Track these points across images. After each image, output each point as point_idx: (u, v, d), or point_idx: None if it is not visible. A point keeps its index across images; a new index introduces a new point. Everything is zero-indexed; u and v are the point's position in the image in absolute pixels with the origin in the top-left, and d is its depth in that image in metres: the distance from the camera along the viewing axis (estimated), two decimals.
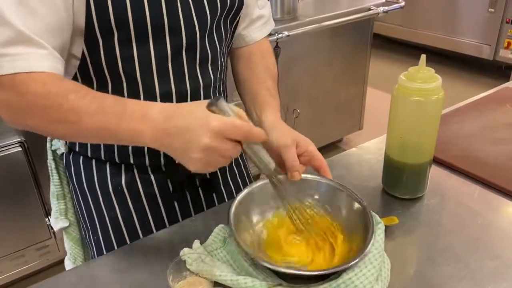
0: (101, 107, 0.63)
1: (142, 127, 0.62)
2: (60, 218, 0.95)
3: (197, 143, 0.59)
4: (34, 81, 0.64)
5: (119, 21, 0.70)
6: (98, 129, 0.63)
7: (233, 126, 0.60)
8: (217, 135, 0.59)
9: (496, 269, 0.69)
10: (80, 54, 0.73)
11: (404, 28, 3.81)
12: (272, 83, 0.92)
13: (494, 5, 3.17)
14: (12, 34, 0.62)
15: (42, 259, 1.75)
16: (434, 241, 0.75)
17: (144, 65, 0.75)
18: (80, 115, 0.63)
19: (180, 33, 0.76)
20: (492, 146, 0.99)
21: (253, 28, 0.94)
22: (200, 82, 0.82)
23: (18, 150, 1.54)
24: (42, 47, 0.65)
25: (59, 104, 0.63)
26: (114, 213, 0.86)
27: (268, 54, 0.96)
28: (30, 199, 1.63)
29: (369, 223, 0.66)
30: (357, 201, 0.71)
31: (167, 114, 0.62)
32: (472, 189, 0.88)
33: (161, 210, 0.87)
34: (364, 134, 2.70)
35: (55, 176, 0.94)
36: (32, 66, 0.64)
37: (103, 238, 0.88)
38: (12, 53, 0.63)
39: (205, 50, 0.81)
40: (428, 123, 0.78)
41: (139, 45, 0.73)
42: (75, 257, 0.99)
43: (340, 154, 1.02)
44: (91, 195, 0.87)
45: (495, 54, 3.29)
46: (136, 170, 0.85)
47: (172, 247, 0.75)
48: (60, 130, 0.67)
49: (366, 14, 2.24)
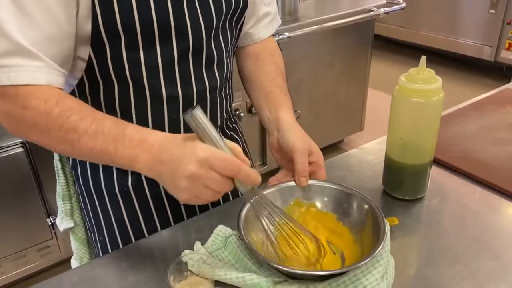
0: (101, 131, 0.64)
1: (138, 154, 0.63)
2: (66, 219, 0.95)
3: (183, 171, 0.59)
4: (37, 97, 0.65)
5: (126, 26, 0.70)
6: (96, 151, 0.65)
7: (219, 158, 0.59)
8: (202, 164, 0.58)
9: (497, 269, 0.69)
10: (87, 57, 0.73)
11: (405, 29, 3.81)
12: (282, 81, 0.92)
13: (495, 7, 3.18)
14: (10, 46, 0.63)
15: (43, 259, 1.75)
16: (435, 242, 0.75)
17: (151, 69, 0.75)
18: (79, 136, 0.64)
19: (187, 36, 0.76)
20: (493, 147, 0.99)
21: (260, 26, 0.94)
22: (207, 85, 0.82)
23: (20, 151, 1.54)
24: (39, 59, 0.65)
25: (61, 124, 0.64)
26: (120, 214, 0.86)
27: (276, 52, 0.97)
28: (31, 200, 1.63)
29: (381, 224, 0.66)
30: (366, 202, 0.71)
31: (161, 142, 0.63)
32: (473, 189, 0.88)
33: (167, 211, 0.87)
34: (365, 135, 2.70)
35: (61, 177, 0.94)
36: (27, 78, 0.64)
37: (108, 238, 0.88)
38: (9, 64, 0.64)
39: (211, 52, 0.81)
40: (428, 124, 0.78)
41: (146, 49, 0.73)
42: (81, 257, 0.99)
43: (341, 155, 1.02)
44: (97, 196, 0.87)
45: (496, 55, 3.29)
46: None
47: (174, 246, 0.75)
48: (60, 147, 0.69)
49: (367, 15, 2.24)
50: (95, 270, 0.72)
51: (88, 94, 0.78)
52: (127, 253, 0.75)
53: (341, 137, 2.72)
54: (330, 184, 0.76)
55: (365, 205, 0.71)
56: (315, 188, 0.76)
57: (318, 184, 0.76)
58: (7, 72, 0.64)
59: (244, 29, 0.91)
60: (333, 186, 0.76)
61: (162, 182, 0.63)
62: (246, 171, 0.61)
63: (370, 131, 2.68)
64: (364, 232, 0.70)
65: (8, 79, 0.64)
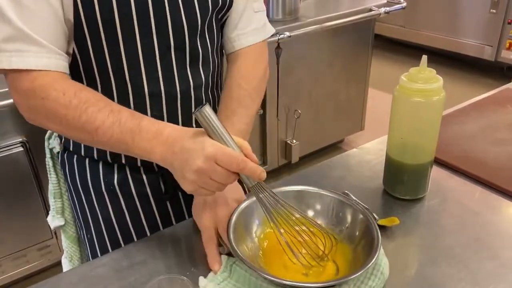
0: (117, 122, 0.67)
1: (154, 145, 0.66)
2: (57, 217, 0.96)
3: (191, 165, 0.62)
4: (55, 89, 0.68)
5: (105, 16, 0.71)
6: (114, 140, 0.68)
7: (225, 154, 0.61)
8: (209, 159, 0.61)
9: (496, 269, 0.69)
10: (71, 51, 0.74)
11: (406, 29, 3.81)
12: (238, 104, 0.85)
13: (496, 6, 3.17)
14: (12, 31, 0.65)
15: (43, 259, 1.75)
16: (435, 242, 0.75)
17: (132, 64, 0.76)
18: (96, 126, 0.67)
19: (167, 32, 0.76)
20: (493, 147, 0.99)
21: (242, 33, 0.88)
22: (191, 83, 0.82)
23: (20, 150, 1.54)
24: (40, 45, 0.67)
25: (79, 115, 0.67)
26: (107, 212, 0.87)
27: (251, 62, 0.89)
28: (31, 199, 1.63)
29: (375, 237, 0.65)
30: (361, 213, 0.70)
31: (175, 135, 0.66)
32: (473, 189, 0.88)
33: (154, 210, 0.88)
34: (365, 134, 2.70)
35: (52, 175, 0.94)
36: (29, 63, 0.66)
37: (96, 236, 0.88)
38: (11, 49, 0.66)
39: (195, 50, 0.81)
40: (429, 124, 0.78)
41: (126, 42, 0.74)
42: (71, 256, 0.99)
43: (341, 155, 1.02)
44: (85, 193, 0.88)
45: (496, 55, 3.29)
46: (129, 170, 0.85)
47: (172, 247, 0.75)
48: (79, 137, 0.71)
49: (367, 15, 2.24)
50: (95, 270, 0.71)
51: None
52: (126, 253, 0.74)
53: (341, 137, 2.72)
54: (327, 192, 0.75)
55: (360, 215, 0.70)
56: (311, 195, 0.75)
57: (314, 192, 0.75)
58: (8, 56, 0.66)
59: (227, 34, 0.88)
60: (330, 195, 0.74)
61: (172, 171, 0.66)
62: (251, 167, 0.63)
63: (370, 131, 2.68)
64: (359, 243, 0.69)
65: (8, 64, 0.66)
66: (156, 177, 0.86)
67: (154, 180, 0.87)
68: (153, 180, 0.86)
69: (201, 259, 0.71)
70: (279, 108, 2.22)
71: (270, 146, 2.29)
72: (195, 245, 0.75)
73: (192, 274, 0.69)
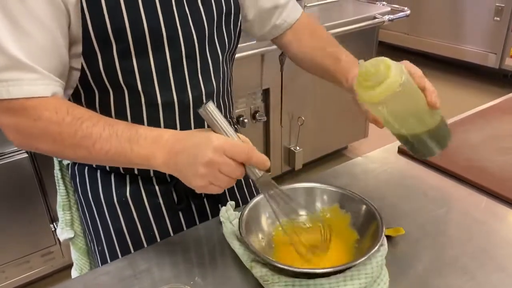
0: (114, 134, 0.66)
1: (154, 151, 0.65)
2: (66, 229, 0.95)
3: (202, 157, 0.61)
4: (47, 108, 0.66)
5: (117, 34, 0.71)
6: (112, 153, 0.66)
7: (233, 145, 0.62)
8: (218, 150, 0.61)
9: (503, 280, 0.68)
10: (79, 67, 0.74)
11: (409, 36, 3.81)
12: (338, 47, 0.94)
13: (500, 14, 3.17)
14: (7, 60, 0.64)
15: (46, 265, 1.75)
16: (440, 252, 0.75)
17: (145, 76, 0.76)
18: (94, 141, 0.66)
19: (179, 44, 0.77)
20: (498, 156, 0.99)
21: (285, 14, 0.94)
22: (203, 90, 0.82)
23: (24, 157, 1.54)
24: (36, 72, 0.66)
25: (74, 131, 0.66)
26: (119, 224, 0.86)
27: (314, 25, 0.99)
28: (35, 205, 1.64)
29: (379, 232, 0.67)
30: (368, 207, 0.73)
31: (176, 135, 0.65)
32: (479, 199, 0.88)
33: (166, 221, 0.87)
34: (369, 141, 2.69)
35: (61, 187, 0.94)
36: (26, 91, 0.66)
37: (107, 248, 0.87)
38: (8, 78, 0.65)
39: (205, 58, 0.82)
40: (409, 111, 0.72)
41: (138, 57, 0.74)
42: (81, 268, 0.99)
43: (346, 163, 1.02)
44: (96, 205, 0.87)
45: (500, 63, 3.28)
46: (141, 181, 0.85)
47: (177, 256, 0.75)
48: (76, 154, 0.69)
49: (371, 22, 2.24)
50: (99, 278, 0.71)
51: (84, 103, 0.78)
52: (130, 261, 0.74)
53: (345, 143, 2.72)
54: (341, 190, 0.78)
55: (373, 213, 0.72)
56: (328, 192, 0.78)
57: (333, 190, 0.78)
58: (6, 86, 0.65)
59: (271, 24, 0.94)
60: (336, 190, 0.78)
61: (178, 172, 0.65)
62: (257, 155, 0.64)
63: (374, 137, 2.67)
64: (365, 240, 0.71)
65: (7, 93, 0.65)
66: (168, 187, 0.86)
67: (167, 190, 0.86)
68: (166, 191, 0.86)
69: (205, 269, 0.71)
70: (283, 115, 2.22)
71: (273, 153, 2.29)
72: (200, 255, 0.75)
73: (195, 284, 0.69)
